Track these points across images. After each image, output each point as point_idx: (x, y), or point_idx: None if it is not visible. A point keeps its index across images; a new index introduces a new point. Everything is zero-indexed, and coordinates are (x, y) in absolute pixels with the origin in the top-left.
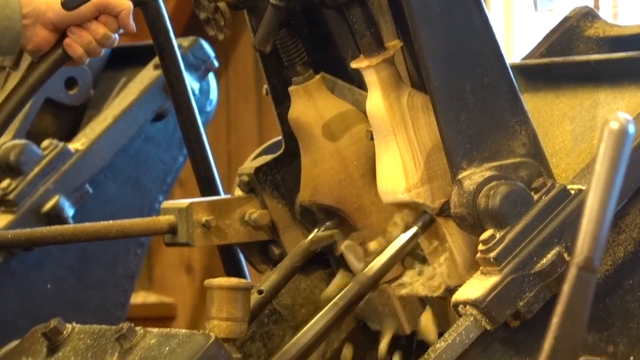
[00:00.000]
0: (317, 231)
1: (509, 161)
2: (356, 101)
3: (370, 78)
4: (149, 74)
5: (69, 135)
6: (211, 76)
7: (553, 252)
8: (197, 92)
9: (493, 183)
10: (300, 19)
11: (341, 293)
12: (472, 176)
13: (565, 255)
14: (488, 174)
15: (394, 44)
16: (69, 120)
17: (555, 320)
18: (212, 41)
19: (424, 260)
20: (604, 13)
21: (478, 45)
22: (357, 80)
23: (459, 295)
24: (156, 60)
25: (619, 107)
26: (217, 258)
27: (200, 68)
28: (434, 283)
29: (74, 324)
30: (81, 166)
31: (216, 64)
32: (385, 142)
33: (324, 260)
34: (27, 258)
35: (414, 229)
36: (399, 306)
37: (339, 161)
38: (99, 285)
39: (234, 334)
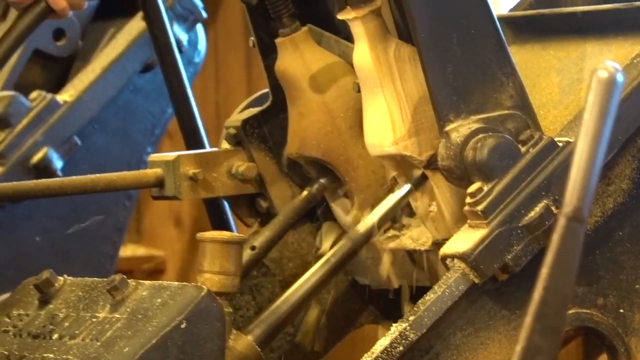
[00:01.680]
0: (311, 189)
1: (496, 113)
2: (343, 53)
3: (357, 30)
4: (136, 25)
5: (57, 86)
6: (199, 27)
7: (541, 205)
8: (185, 43)
9: (480, 135)
10: None
11: (333, 250)
12: (460, 128)
13: (553, 208)
14: (475, 126)
15: None
16: (57, 72)
17: (544, 271)
18: None
19: (411, 214)
20: None
21: None
22: (343, 33)
23: (446, 249)
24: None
25: (606, 59)
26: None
27: (188, 19)
28: (422, 236)
29: (65, 276)
30: (69, 118)
31: (204, 14)
32: (372, 94)
33: (312, 213)
34: (16, 210)
35: (407, 187)
36: (387, 260)
37: (326, 114)
38: (88, 237)
39: (227, 288)
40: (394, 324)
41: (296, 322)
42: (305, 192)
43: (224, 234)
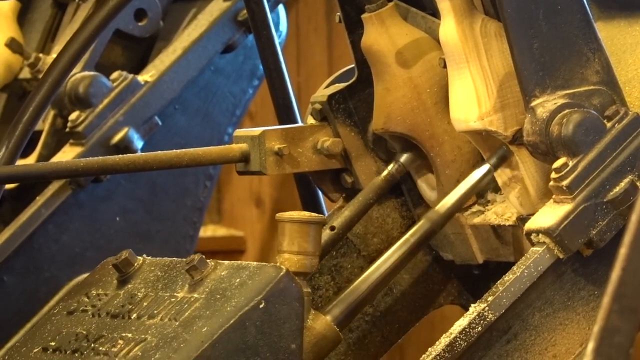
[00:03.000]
0: (392, 168)
1: (582, 89)
2: (429, 29)
3: (443, 4)
4: (218, 5)
5: (138, 67)
6: (281, 8)
7: (626, 180)
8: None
9: (566, 111)
10: None
11: (412, 229)
12: (545, 104)
13: (639, 183)
14: (561, 101)
15: None
16: (139, 52)
17: (622, 251)
18: None
19: (496, 189)
20: None
21: None
22: (430, 9)
23: (531, 224)
24: None
25: None
26: (286, 191)
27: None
28: (506, 212)
29: (144, 256)
30: (150, 98)
31: None
32: (458, 69)
33: (397, 188)
34: (96, 190)
35: (486, 166)
36: (471, 235)
37: (411, 89)
38: (167, 218)
39: (305, 268)
40: (472, 305)
41: (375, 302)
42: (385, 172)
43: (303, 214)
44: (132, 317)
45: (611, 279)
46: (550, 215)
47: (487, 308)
